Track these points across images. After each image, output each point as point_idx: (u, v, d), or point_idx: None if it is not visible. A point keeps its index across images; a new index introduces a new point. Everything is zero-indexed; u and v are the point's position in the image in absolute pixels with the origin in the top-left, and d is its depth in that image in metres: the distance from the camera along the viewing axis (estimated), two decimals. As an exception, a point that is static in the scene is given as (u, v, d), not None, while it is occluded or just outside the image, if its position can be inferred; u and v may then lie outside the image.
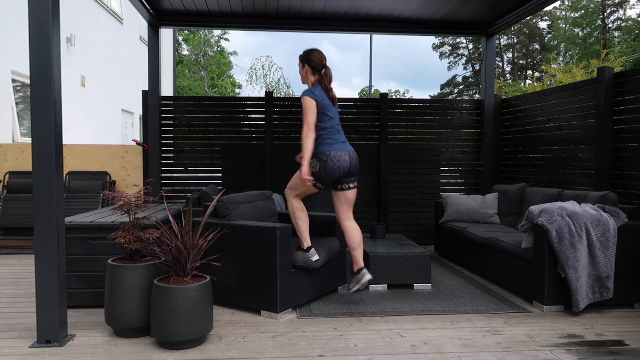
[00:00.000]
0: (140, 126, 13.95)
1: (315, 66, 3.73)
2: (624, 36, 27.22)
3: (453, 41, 36.79)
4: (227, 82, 31.45)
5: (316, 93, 3.65)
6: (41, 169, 2.96)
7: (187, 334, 2.92)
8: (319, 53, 3.75)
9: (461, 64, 37.55)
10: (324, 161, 3.61)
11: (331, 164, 3.61)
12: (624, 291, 3.75)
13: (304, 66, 3.77)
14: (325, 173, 3.63)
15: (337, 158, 3.63)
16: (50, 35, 2.93)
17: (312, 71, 3.74)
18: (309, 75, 3.77)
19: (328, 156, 3.61)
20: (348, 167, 3.70)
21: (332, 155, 3.62)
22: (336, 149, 3.65)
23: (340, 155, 3.65)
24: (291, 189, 3.83)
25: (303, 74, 3.80)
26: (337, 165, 3.63)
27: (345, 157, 3.68)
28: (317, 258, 3.75)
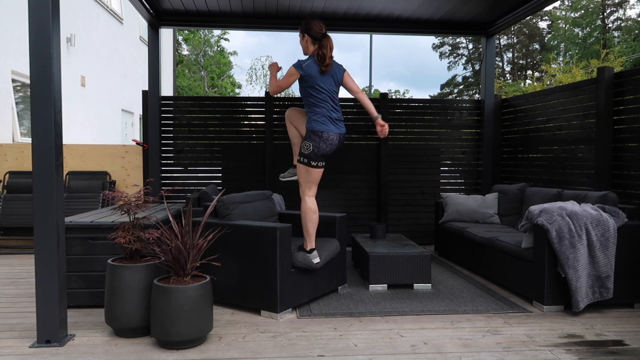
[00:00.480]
0: (140, 126, 13.95)
1: (315, 35, 3.71)
2: (624, 36, 27.22)
3: (453, 41, 36.79)
4: (227, 82, 31.45)
5: (304, 66, 3.67)
6: (41, 169, 2.96)
7: (187, 334, 2.92)
8: (318, 22, 3.74)
9: (461, 64, 37.56)
10: (317, 142, 3.66)
11: (324, 145, 3.67)
12: (624, 291, 3.75)
13: (304, 36, 3.77)
14: (319, 152, 3.68)
15: (329, 140, 3.67)
16: (50, 35, 2.93)
17: (312, 40, 3.74)
18: (309, 44, 3.77)
19: (321, 137, 3.66)
20: (334, 149, 3.75)
21: (324, 137, 3.66)
22: (330, 130, 3.68)
23: (332, 137, 3.69)
24: (301, 185, 3.82)
25: (303, 44, 3.81)
26: (328, 147, 3.69)
27: (336, 140, 3.72)
28: (318, 261, 3.75)
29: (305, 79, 3.67)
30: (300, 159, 3.75)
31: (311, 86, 3.67)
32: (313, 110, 3.70)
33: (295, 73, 3.67)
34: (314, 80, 3.67)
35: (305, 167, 3.73)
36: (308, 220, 3.76)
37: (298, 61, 3.72)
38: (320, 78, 3.68)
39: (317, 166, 3.72)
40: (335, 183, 6.50)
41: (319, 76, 3.68)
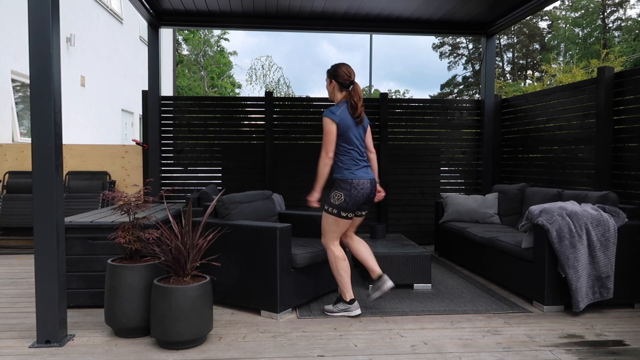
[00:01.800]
0: (140, 126, 13.95)
1: (342, 82, 3.53)
2: (624, 36, 27.22)
3: (453, 41, 36.79)
4: (227, 82, 31.45)
5: (337, 114, 3.45)
6: (41, 169, 2.96)
7: (187, 334, 2.92)
8: (347, 68, 3.55)
9: (461, 64, 37.56)
10: (348, 190, 3.45)
11: (355, 192, 3.45)
12: (624, 291, 3.75)
13: (331, 82, 3.58)
14: (351, 202, 3.46)
15: (360, 186, 3.47)
16: (50, 35, 2.93)
17: (340, 87, 3.55)
18: (335, 91, 3.58)
19: (351, 184, 3.46)
20: (368, 195, 3.54)
21: (354, 183, 3.46)
22: (358, 176, 3.48)
23: (363, 183, 3.48)
24: (326, 235, 3.61)
25: (330, 89, 3.61)
26: (360, 193, 3.47)
27: (367, 185, 3.50)
28: (359, 312, 3.59)
29: (338, 127, 3.45)
30: (329, 209, 3.52)
31: (342, 134, 3.48)
32: (341, 159, 3.51)
33: (332, 123, 3.43)
34: (348, 129, 3.49)
35: (334, 218, 3.51)
36: (340, 269, 3.57)
37: (328, 110, 3.49)
38: (352, 126, 3.50)
39: (346, 217, 3.51)
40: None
41: (352, 124, 3.50)
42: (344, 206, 3.47)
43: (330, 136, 3.45)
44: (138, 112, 13.76)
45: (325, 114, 3.47)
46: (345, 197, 3.46)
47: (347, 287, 3.59)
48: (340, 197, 3.47)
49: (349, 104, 3.51)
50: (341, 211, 3.48)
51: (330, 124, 3.44)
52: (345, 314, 3.58)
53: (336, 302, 3.65)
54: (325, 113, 3.48)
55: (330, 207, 3.52)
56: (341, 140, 3.49)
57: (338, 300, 3.64)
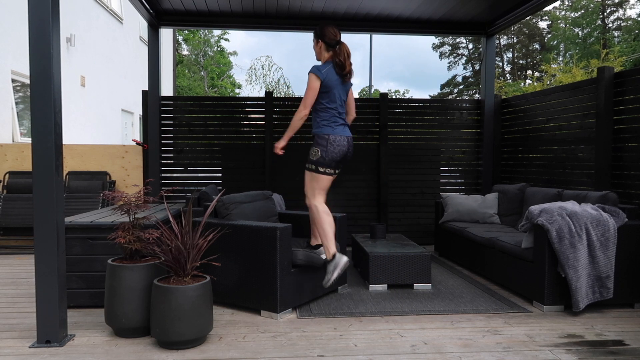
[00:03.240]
0: (140, 126, 13.95)
1: (329, 41, 3.64)
2: (624, 36, 27.22)
3: (453, 41, 36.79)
4: (227, 82, 31.45)
5: (323, 71, 3.57)
6: (41, 169, 2.96)
7: (187, 334, 2.92)
8: (333, 28, 3.66)
9: (461, 64, 37.57)
10: (324, 145, 3.56)
11: (331, 148, 3.55)
12: (624, 291, 3.75)
13: (318, 42, 3.70)
14: (328, 157, 3.57)
15: (336, 142, 3.57)
16: (50, 35, 2.93)
17: (326, 47, 3.67)
18: (322, 51, 3.70)
19: (328, 140, 3.56)
20: (345, 153, 3.64)
21: (331, 139, 3.56)
22: (336, 132, 3.58)
23: (340, 140, 3.59)
24: (310, 193, 3.69)
25: (317, 50, 3.74)
26: (337, 150, 3.57)
27: (344, 143, 3.61)
28: (347, 259, 3.59)
29: (323, 84, 3.56)
30: (308, 166, 3.66)
31: (326, 92, 3.57)
32: (320, 114, 3.63)
33: (316, 79, 3.54)
34: (332, 87, 3.57)
35: (311, 173, 3.64)
36: (324, 222, 3.59)
37: (315, 67, 3.60)
38: (337, 85, 3.58)
39: (324, 172, 3.60)
40: (335, 183, 6.49)
41: (337, 83, 3.59)
42: (321, 161, 3.58)
43: (312, 92, 3.56)
44: (138, 112, 13.76)
45: (311, 70, 3.57)
46: (322, 152, 3.57)
47: (332, 242, 3.58)
48: (317, 153, 3.58)
49: (334, 63, 3.61)
50: (319, 166, 3.59)
51: (315, 80, 3.55)
52: (339, 269, 3.52)
53: (325, 268, 3.59)
54: (311, 69, 3.58)
55: (309, 163, 3.66)
56: (324, 98, 3.60)
57: (325, 265, 3.61)
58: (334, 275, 3.54)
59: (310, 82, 3.57)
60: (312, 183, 3.66)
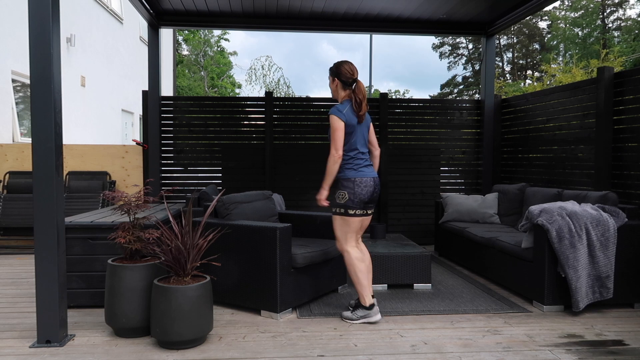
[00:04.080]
0: (140, 126, 13.95)
1: (345, 80, 3.49)
2: (624, 36, 27.22)
3: (453, 41, 36.79)
4: (227, 82, 31.45)
5: (344, 112, 3.42)
6: (41, 169, 2.96)
7: (187, 334, 2.92)
8: (349, 66, 3.51)
9: (461, 64, 37.56)
10: (351, 188, 3.42)
11: (359, 190, 3.42)
12: (624, 291, 3.75)
13: (334, 80, 3.54)
14: (356, 199, 3.42)
15: (363, 184, 3.43)
16: (50, 36, 2.93)
17: (343, 86, 3.51)
18: (339, 89, 3.54)
19: (354, 182, 3.42)
20: (372, 193, 3.49)
21: (358, 181, 3.43)
22: (361, 175, 3.45)
23: (366, 181, 3.45)
24: (339, 238, 3.54)
25: (333, 88, 3.58)
26: (364, 191, 3.44)
27: (370, 183, 3.47)
28: (380, 318, 3.48)
29: (345, 125, 3.42)
30: (336, 210, 3.49)
31: (348, 133, 3.45)
32: (343, 158, 3.47)
33: (339, 120, 3.38)
34: (353, 128, 3.43)
35: (342, 217, 3.47)
36: (358, 271, 3.45)
37: (336, 108, 3.45)
38: (356, 125, 3.47)
39: (354, 215, 3.46)
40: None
41: (356, 123, 3.47)
42: (350, 204, 3.43)
43: (339, 133, 3.40)
44: (138, 112, 13.76)
45: (332, 112, 3.43)
46: (350, 195, 3.42)
47: (365, 291, 3.47)
48: (345, 196, 3.44)
49: (353, 102, 3.48)
50: (348, 209, 3.44)
51: (338, 122, 3.40)
52: (365, 320, 3.44)
53: (355, 308, 3.54)
54: (332, 111, 3.44)
55: (337, 207, 3.49)
56: (345, 140, 3.46)
57: (357, 306, 3.52)
58: (357, 322, 3.45)
59: (334, 123, 3.40)
60: (343, 227, 3.49)
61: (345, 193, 3.43)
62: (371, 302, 3.47)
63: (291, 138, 6.53)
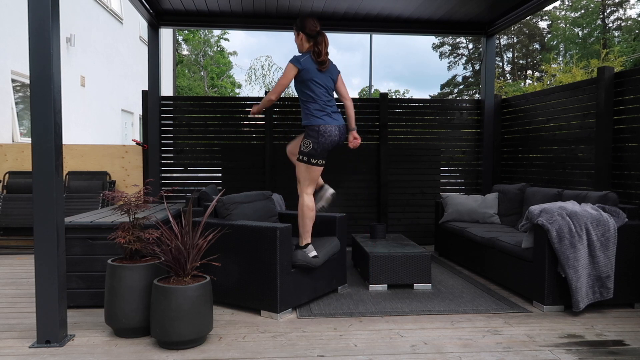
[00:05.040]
0: (140, 126, 13.95)
1: (309, 32, 3.72)
2: (624, 36, 27.23)
3: (453, 41, 36.79)
4: (227, 82, 31.45)
5: (301, 61, 3.65)
6: (41, 169, 2.96)
7: (187, 334, 2.92)
8: (313, 20, 3.75)
9: (461, 64, 37.56)
10: (315, 137, 3.62)
11: (322, 139, 3.62)
12: (624, 291, 3.75)
13: (299, 34, 3.78)
14: (320, 148, 3.65)
15: (327, 133, 3.64)
16: (50, 35, 2.92)
17: (307, 38, 3.75)
18: (303, 42, 3.78)
19: (318, 131, 3.62)
20: (337, 142, 3.71)
21: (322, 130, 3.62)
22: (325, 122, 3.65)
23: (331, 129, 3.65)
24: (300, 183, 3.79)
25: (298, 42, 3.82)
26: (328, 140, 3.64)
27: (335, 132, 3.68)
28: (315, 254, 3.74)
29: (302, 73, 3.66)
30: (300, 157, 3.72)
31: (308, 80, 3.66)
32: (308, 106, 3.70)
33: (293, 68, 3.64)
34: (311, 75, 3.66)
35: (305, 165, 3.72)
36: (306, 217, 3.75)
37: (294, 57, 3.71)
38: (317, 73, 3.68)
39: (317, 164, 3.69)
40: (335, 183, 6.50)
41: (315, 72, 3.68)
42: (313, 153, 3.64)
43: (284, 80, 3.67)
44: (138, 112, 13.76)
45: (290, 60, 3.66)
46: (314, 144, 3.63)
47: (308, 234, 3.76)
48: (309, 145, 3.64)
49: (313, 52, 3.70)
50: (311, 158, 3.66)
51: (291, 70, 3.65)
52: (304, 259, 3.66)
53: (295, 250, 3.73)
54: (291, 59, 3.66)
55: (301, 154, 3.70)
56: (306, 88, 3.68)
57: (297, 248, 3.75)
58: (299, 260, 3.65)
59: (286, 70, 3.66)
60: (305, 174, 3.74)
61: (310, 142, 3.64)
62: (307, 242, 3.76)
63: (291, 138, 6.52)
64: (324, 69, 3.70)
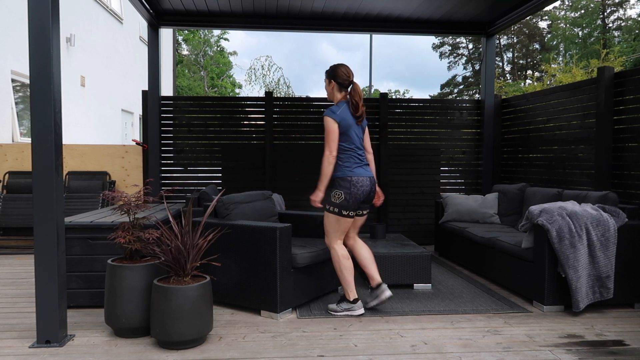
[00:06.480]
0: (140, 126, 13.95)
1: (342, 82, 3.58)
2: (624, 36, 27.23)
3: (453, 41, 36.79)
4: (227, 82, 31.45)
5: (337, 113, 3.49)
6: (41, 169, 2.96)
7: (187, 334, 2.92)
8: (345, 68, 3.59)
9: (461, 64, 37.56)
10: (347, 188, 3.47)
11: (355, 190, 3.47)
12: (624, 291, 3.75)
13: (330, 82, 3.62)
14: (351, 200, 3.48)
15: (359, 183, 3.49)
16: (50, 35, 2.92)
17: (339, 87, 3.60)
18: (335, 92, 3.62)
19: (351, 182, 3.47)
20: (368, 193, 3.55)
21: (354, 181, 3.48)
22: (357, 174, 3.50)
23: (363, 180, 3.51)
24: (329, 235, 3.62)
25: (329, 90, 3.65)
26: (360, 191, 3.49)
27: (367, 183, 3.52)
28: (363, 312, 3.60)
29: (340, 125, 3.49)
30: (330, 209, 3.53)
31: (343, 133, 3.51)
32: (340, 157, 3.53)
33: (333, 122, 3.47)
34: (348, 128, 3.50)
35: (335, 217, 3.52)
36: (343, 268, 3.56)
37: (329, 110, 3.53)
38: (354, 125, 3.54)
39: (348, 215, 3.52)
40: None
41: (353, 123, 3.53)
42: (345, 204, 3.49)
43: (333, 135, 3.48)
44: (138, 112, 13.76)
45: (326, 113, 3.51)
46: (346, 195, 3.48)
47: (350, 287, 3.60)
48: (341, 196, 3.48)
49: (350, 104, 3.56)
50: (342, 210, 3.50)
51: (332, 123, 3.48)
52: (348, 313, 3.58)
53: (339, 301, 3.65)
54: (326, 112, 3.52)
55: (331, 206, 3.53)
56: (341, 139, 3.52)
57: (341, 300, 3.65)
58: (340, 314, 3.59)
59: (328, 125, 3.48)
60: (334, 226, 3.56)
61: (342, 193, 3.48)
62: (355, 296, 3.60)
63: (291, 138, 6.52)
64: (360, 122, 3.57)
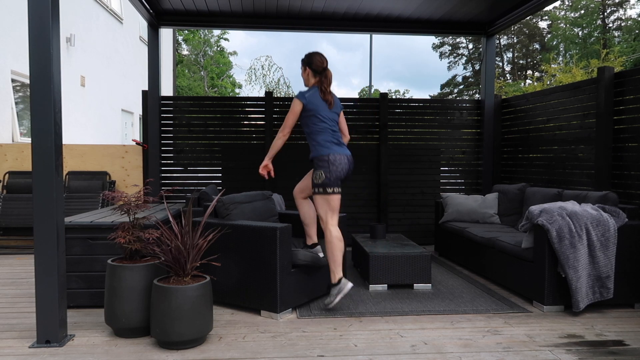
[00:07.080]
0: (140, 126, 13.95)
1: (316, 69, 3.79)
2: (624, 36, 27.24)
3: (453, 41, 36.79)
4: (227, 82, 31.45)
5: (306, 96, 3.72)
6: (41, 169, 2.96)
7: (187, 334, 2.92)
8: (320, 56, 3.82)
9: (461, 64, 37.56)
10: (326, 167, 3.63)
11: (334, 167, 3.63)
12: (624, 291, 3.75)
13: (306, 69, 3.84)
14: (333, 177, 3.64)
15: (337, 161, 3.66)
16: (50, 35, 2.92)
17: (313, 74, 3.82)
18: (310, 77, 3.84)
19: (328, 161, 3.64)
20: (347, 171, 3.74)
21: (331, 159, 3.64)
22: (334, 151, 3.67)
23: (340, 158, 3.68)
24: (324, 216, 3.71)
25: (305, 76, 3.87)
26: (339, 168, 3.66)
27: (345, 160, 3.71)
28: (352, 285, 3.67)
29: (308, 108, 3.70)
30: (316, 190, 3.68)
31: (314, 115, 3.70)
32: (315, 138, 3.72)
33: (299, 103, 3.70)
34: (317, 110, 3.70)
35: (322, 196, 3.67)
36: (336, 248, 3.66)
37: (300, 92, 3.77)
38: (323, 108, 3.73)
39: (334, 192, 3.66)
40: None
41: (322, 106, 3.72)
42: (327, 182, 3.64)
43: (292, 115, 3.72)
44: (138, 112, 13.76)
45: (296, 95, 3.74)
46: (326, 173, 3.64)
47: (339, 267, 3.68)
48: (321, 175, 3.65)
49: (319, 88, 3.77)
50: (327, 187, 3.65)
51: (297, 105, 3.72)
52: (342, 294, 3.63)
53: (328, 290, 3.71)
54: (297, 94, 3.74)
55: (316, 187, 3.69)
56: (313, 120, 3.72)
57: (329, 287, 3.71)
58: (337, 299, 3.63)
59: (292, 106, 3.72)
60: (324, 206, 3.69)
61: (322, 172, 3.64)
62: (340, 276, 3.67)
63: (291, 138, 6.51)
64: (329, 103, 3.76)
